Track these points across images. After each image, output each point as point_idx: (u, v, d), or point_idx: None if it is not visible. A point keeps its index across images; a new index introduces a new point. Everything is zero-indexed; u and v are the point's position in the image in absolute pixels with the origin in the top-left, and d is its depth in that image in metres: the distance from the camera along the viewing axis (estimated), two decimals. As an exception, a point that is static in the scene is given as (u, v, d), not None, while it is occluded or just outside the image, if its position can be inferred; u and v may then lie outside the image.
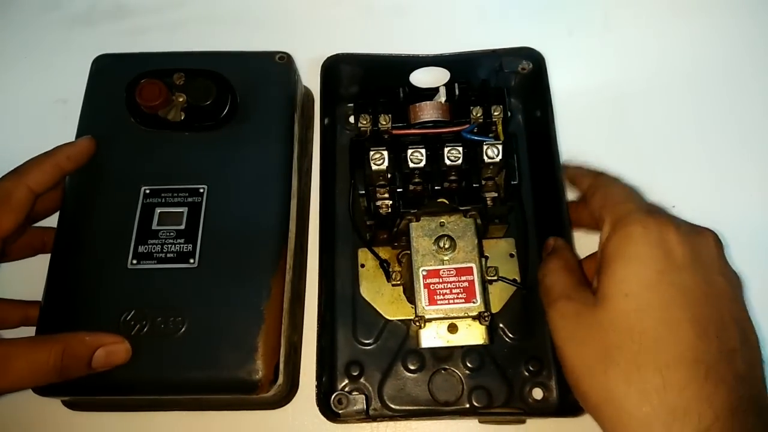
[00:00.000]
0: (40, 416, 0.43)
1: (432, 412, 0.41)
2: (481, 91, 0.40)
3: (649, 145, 0.50)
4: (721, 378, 0.29)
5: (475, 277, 0.38)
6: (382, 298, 0.44)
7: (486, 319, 0.37)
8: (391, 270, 0.43)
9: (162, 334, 0.38)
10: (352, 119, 0.49)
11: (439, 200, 0.40)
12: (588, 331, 0.32)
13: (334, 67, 0.48)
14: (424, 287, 0.38)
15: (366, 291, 0.44)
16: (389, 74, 0.48)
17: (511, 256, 0.45)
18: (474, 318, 0.37)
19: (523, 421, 0.41)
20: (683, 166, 0.49)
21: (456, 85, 0.41)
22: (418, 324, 0.37)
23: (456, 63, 0.48)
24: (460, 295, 0.38)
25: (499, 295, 0.44)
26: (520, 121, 0.50)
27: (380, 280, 0.44)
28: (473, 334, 0.38)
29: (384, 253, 0.44)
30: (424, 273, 0.38)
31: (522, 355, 0.42)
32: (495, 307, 0.43)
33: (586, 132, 0.50)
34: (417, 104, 0.40)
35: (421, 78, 0.48)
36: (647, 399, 0.29)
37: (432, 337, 0.38)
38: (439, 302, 0.37)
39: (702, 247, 0.34)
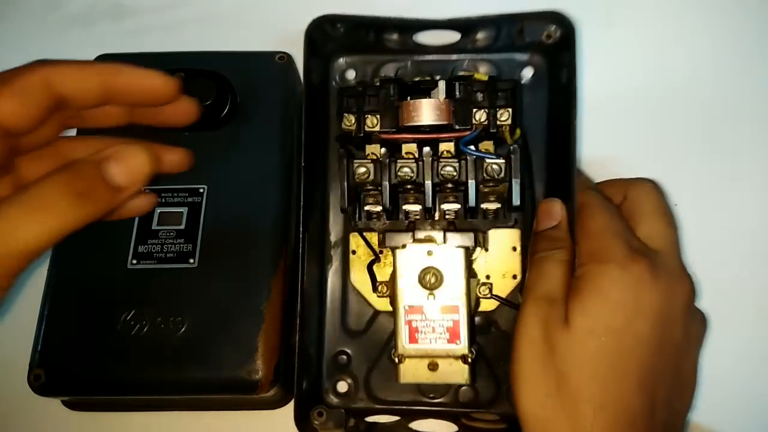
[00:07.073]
0: (40, 416, 0.43)
1: (416, 403, 0.40)
2: (487, 90, 0.36)
3: (652, 144, 0.49)
4: (646, 426, 0.32)
5: (461, 317, 0.36)
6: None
7: (469, 359, 0.36)
8: (378, 283, 0.41)
9: (162, 334, 0.38)
10: (339, 77, 0.44)
11: (425, 236, 0.38)
12: (547, 347, 0.33)
13: (319, 30, 0.41)
14: (406, 323, 0.36)
15: (356, 279, 0.42)
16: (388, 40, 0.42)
17: (514, 249, 0.41)
18: (456, 358, 0.36)
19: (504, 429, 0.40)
20: (689, 165, 0.48)
21: (456, 84, 0.37)
22: (398, 360, 0.36)
23: (467, 28, 0.41)
24: (443, 335, 0.36)
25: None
26: (541, 102, 0.42)
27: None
28: (455, 373, 0.36)
29: (375, 239, 0.41)
30: (407, 308, 0.37)
31: None
32: (492, 304, 0.40)
33: (588, 131, 0.49)
34: (411, 102, 0.36)
35: (428, 39, 0.43)
36: (574, 430, 0.31)
37: (411, 373, 0.37)
38: (420, 341, 0.36)
39: (674, 298, 0.34)
